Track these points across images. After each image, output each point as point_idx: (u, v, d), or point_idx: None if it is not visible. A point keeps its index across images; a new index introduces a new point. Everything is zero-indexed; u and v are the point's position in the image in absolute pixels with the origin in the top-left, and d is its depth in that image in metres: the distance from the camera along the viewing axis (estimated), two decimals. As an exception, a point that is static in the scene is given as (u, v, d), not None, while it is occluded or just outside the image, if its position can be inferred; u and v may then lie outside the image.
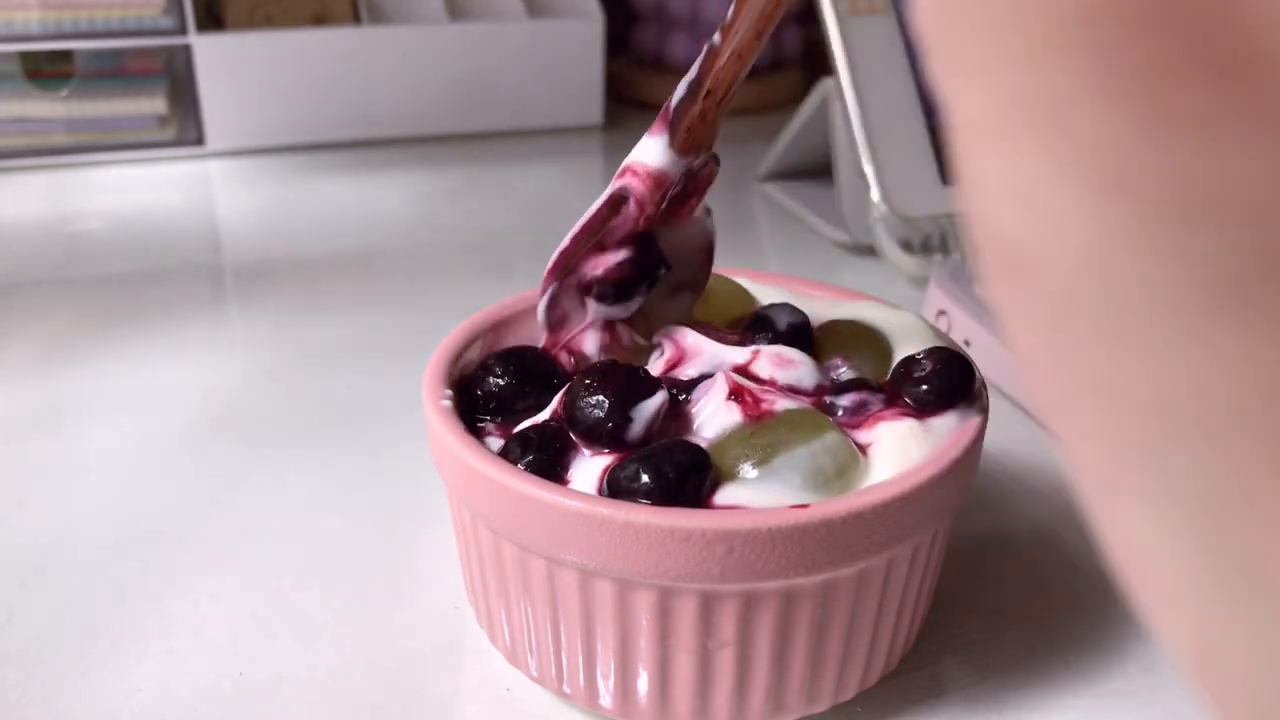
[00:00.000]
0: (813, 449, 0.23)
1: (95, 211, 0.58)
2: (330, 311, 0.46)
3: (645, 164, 0.24)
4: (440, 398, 0.25)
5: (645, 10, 0.80)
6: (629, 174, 0.24)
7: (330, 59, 0.66)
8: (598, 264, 0.25)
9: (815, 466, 0.22)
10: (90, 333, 0.43)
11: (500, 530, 0.23)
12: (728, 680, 0.23)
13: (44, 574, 0.29)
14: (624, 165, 0.24)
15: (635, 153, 0.24)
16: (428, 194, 0.61)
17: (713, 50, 0.23)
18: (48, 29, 0.61)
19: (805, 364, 0.25)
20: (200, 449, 0.35)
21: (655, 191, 0.24)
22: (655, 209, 0.24)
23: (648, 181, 0.24)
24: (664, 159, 0.24)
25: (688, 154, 0.24)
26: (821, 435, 0.23)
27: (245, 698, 0.25)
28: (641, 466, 0.22)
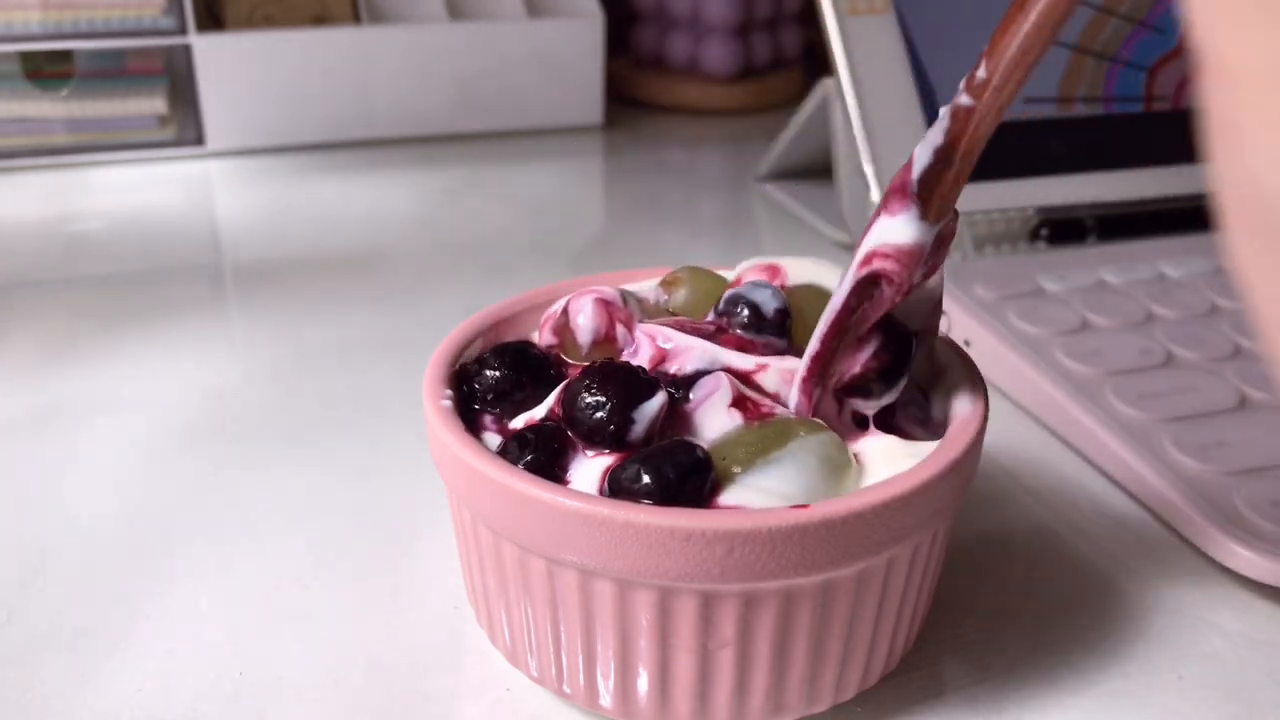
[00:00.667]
0: (812, 449, 0.23)
1: (95, 211, 0.58)
2: (330, 311, 0.46)
3: (897, 244, 0.22)
4: (440, 398, 0.25)
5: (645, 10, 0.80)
6: (877, 259, 0.23)
7: (330, 59, 0.66)
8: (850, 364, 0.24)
9: (815, 466, 0.22)
10: (90, 333, 0.43)
11: (500, 530, 0.23)
12: (728, 680, 0.23)
13: (44, 574, 0.29)
14: (865, 253, 0.23)
15: (877, 235, 0.23)
16: (428, 194, 0.61)
17: (964, 111, 0.21)
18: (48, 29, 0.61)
19: None
20: (200, 449, 0.35)
21: (912, 269, 0.23)
22: (911, 286, 0.23)
23: (903, 260, 0.22)
24: (918, 234, 0.22)
25: (940, 220, 0.22)
26: (819, 435, 0.23)
27: (245, 698, 0.25)
28: (642, 467, 0.22)
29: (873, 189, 0.46)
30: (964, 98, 0.21)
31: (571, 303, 0.27)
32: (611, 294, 0.27)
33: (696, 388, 0.24)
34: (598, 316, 0.26)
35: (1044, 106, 0.49)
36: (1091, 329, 0.39)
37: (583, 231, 0.58)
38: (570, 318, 0.27)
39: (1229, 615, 0.28)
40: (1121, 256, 0.44)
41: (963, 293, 0.41)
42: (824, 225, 0.54)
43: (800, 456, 0.22)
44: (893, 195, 0.22)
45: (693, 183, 0.65)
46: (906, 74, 0.47)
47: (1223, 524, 0.29)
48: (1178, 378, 0.36)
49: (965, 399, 0.25)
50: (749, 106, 0.78)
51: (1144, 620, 0.28)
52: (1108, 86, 0.50)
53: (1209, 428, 0.33)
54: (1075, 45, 0.50)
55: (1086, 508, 0.33)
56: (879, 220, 0.23)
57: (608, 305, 0.27)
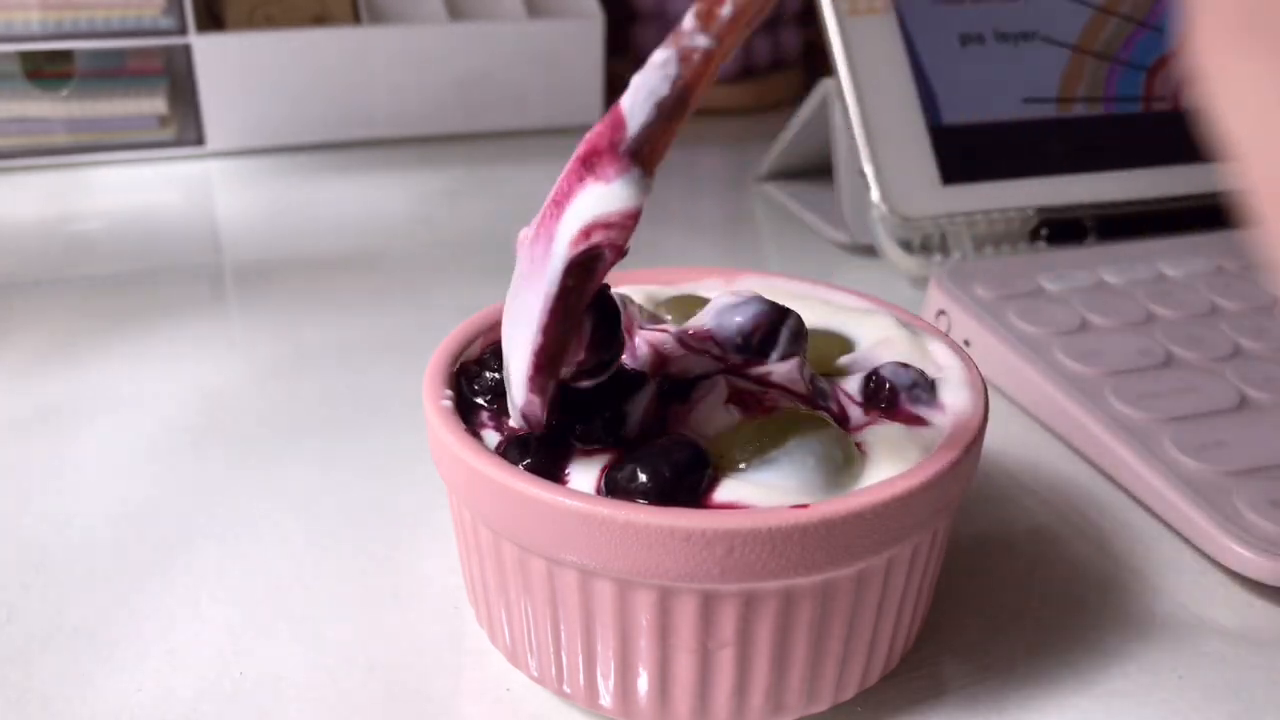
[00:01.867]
0: (813, 443, 0.23)
1: (95, 211, 0.58)
2: (330, 311, 0.46)
3: (618, 210, 0.20)
4: (440, 398, 0.25)
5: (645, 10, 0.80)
6: (598, 230, 0.20)
7: (330, 59, 0.66)
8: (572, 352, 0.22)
9: (816, 461, 0.22)
10: (90, 333, 0.43)
11: (500, 530, 0.23)
12: (728, 680, 0.23)
13: (44, 574, 0.29)
14: (582, 226, 0.20)
15: (591, 208, 0.20)
16: (428, 194, 0.61)
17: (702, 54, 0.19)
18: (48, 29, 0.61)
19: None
20: (200, 448, 0.35)
21: (631, 232, 0.20)
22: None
23: (629, 225, 0.20)
24: (638, 194, 0.20)
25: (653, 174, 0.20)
26: (820, 431, 0.23)
27: (245, 698, 0.25)
28: (638, 465, 0.22)
29: (873, 189, 0.46)
30: (700, 37, 0.19)
31: None
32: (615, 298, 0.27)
33: (697, 387, 0.24)
34: None
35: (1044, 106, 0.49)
36: (1091, 329, 0.39)
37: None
38: None
39: (1229, 615, 0.28)
40: (1121, 256, 0.44)
41: (963, 293, 0.41)
42: (824, 225, 0.54)
43: (799, 454, 0.22)
44: (601, 159, 0.20)
45: (693, 183, 0.65)
46: (906, 74, 0.47)
47: (1222, 524, 0.29)
48: (1178, 378, 0.36)
49: (965, 399, 0.25)
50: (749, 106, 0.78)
51: (1144, 620, 0.28)
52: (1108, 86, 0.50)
53: (1209, 428, 0.33)
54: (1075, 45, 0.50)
55: (1086, 508, 0.33)
56: (587, 189, 0.20)
57: None
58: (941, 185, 0.46)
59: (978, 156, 0.47)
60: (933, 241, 0.47)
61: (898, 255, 0.47)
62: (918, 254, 0.47)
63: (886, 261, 0.48)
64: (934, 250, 0.47)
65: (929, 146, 0.47)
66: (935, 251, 0.47)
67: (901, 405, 0.25)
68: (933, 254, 0.47)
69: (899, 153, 0.46)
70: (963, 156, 0.47)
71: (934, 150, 0.47)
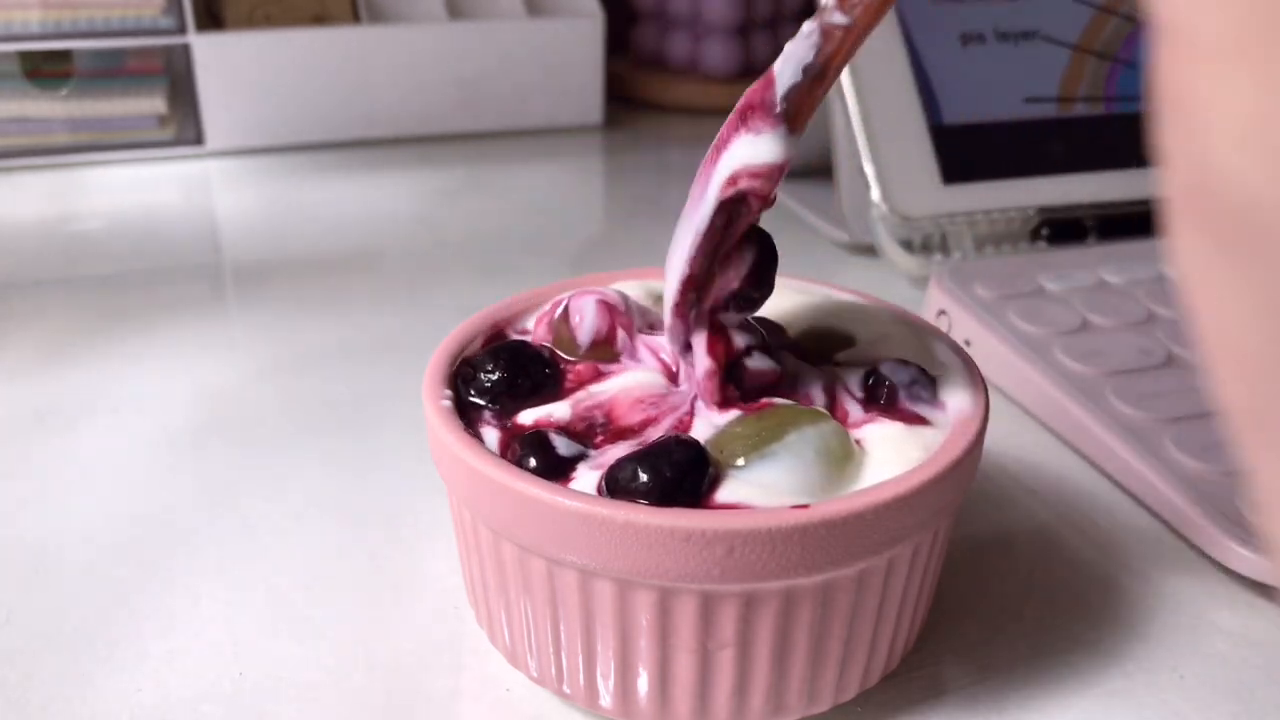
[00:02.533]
0: (810, 441, 0.23)
1: (95, 211, 0.58)
2: (330, 311, 0.46)
3: (764, 162, 0.22)
4: (440, 398, 0.25)
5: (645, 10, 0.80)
6: (744, 179, 0.22)
7: (330, 59, 0.66)
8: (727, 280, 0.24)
9: (813, 459, 0.22)
10: (90, 333, 0.43)
11: (500, 530, 0.23)
12: (728, 680, 0.23)
13: (44, 574, 0.29)
14: (730, 173, 0.23)
15: (742, 154, 0.22)
16: (428, 194, 0.61)
17: (840, 30, 0.21)
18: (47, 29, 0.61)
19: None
20: (200, 449, 0.35)
21: (777, 183, 0.23)
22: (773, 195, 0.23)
23: (774, 176, 0.22)
24: (786, 150, 0.22)
25: (801, 132, 0.22)
26: (817, 424, 0.23)
27: (245, 698, 0.25)
28: (639, 465, 0.22)
29: (873, 189, 0.46)
30: (838, 15, 0.21)
31: (573, 301, 0.27)
32: (615, 298, 0.27)
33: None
34: (599, 318, 0.26)
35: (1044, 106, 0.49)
36: (1091, 329, 0.39)
37: (583, 231, 0.58)
38: (570, 315, 0.27)
39: (1229, 615, 0.28)
40: (1122, 256, 0.44)
41: (963, 293, 0.41)
42: (824, 225, 0.54)
43: (798, 449, 0.22)
44: (755, 113, 0.22)
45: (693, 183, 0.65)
46: (907, 74, 0.47)
47: (1223, 524, 0.29)
48: (1178, 378, 0.36)
49: (965, 399, 0.25)
50: (749, 106, 0.78)
51: (1144, 620, 0.28)
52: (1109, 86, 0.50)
53: (1209, 428, 0.33)
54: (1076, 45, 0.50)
55: (1086, 508, 0.33)
56: (740, 138, 0.22)
57: (610, 308, 0.27)
58: (942, 185, 0.46)
59: (978, 156, 0.47)
60: (933, 241, 0.47)
61: (898, 255, 0.47)
62: (918, 254, 0.47)
63: (886, 261, 0.48)
64: (934, 250, 0.47)
65: (929, 146, 0.47)
66: (935, 251, 0.47)
67: (901, 403, 0.25)
68: (933, 254, 0.47)
69: (899, 152, 0.46)
70: (963, 156, 0.47)
71: (934, 150, 0.47)
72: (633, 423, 0.24)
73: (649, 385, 0.25)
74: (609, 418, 0.25)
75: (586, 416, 0.25)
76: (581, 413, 0.25)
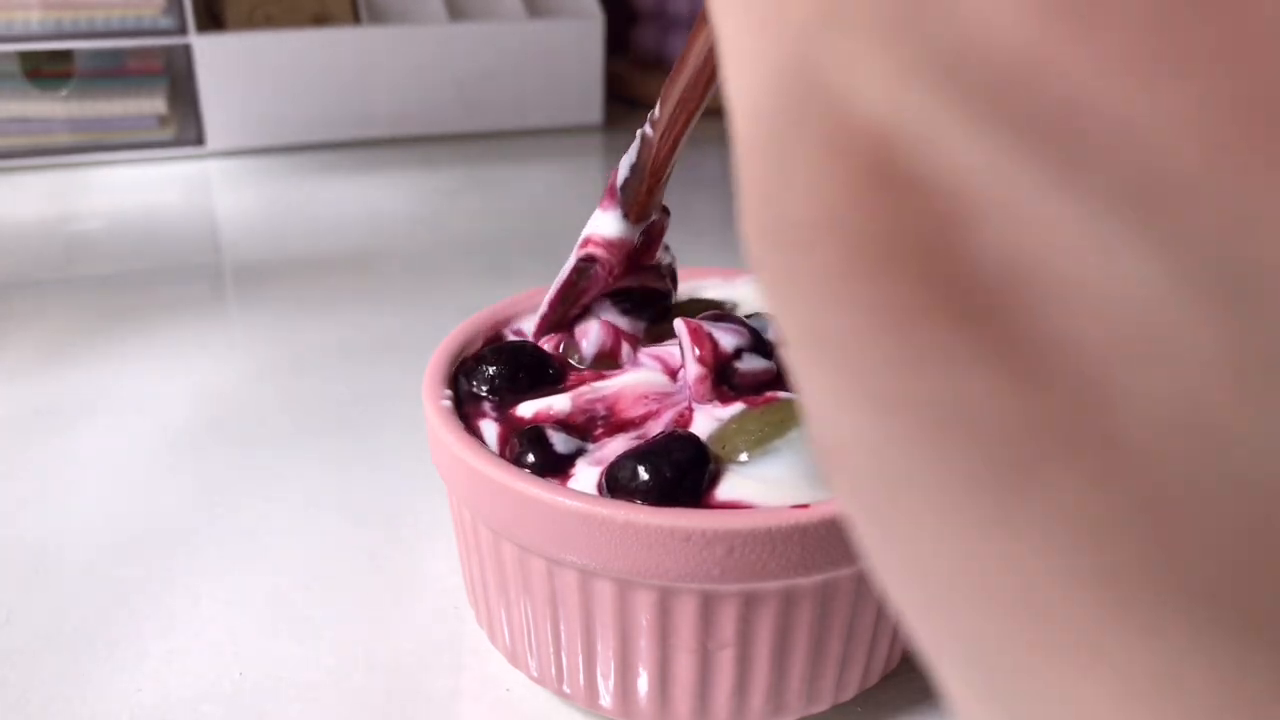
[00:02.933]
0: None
1: (95, 211, 0.58)
2: (330, 311, 0.46)
3: (605, 235, 0.26)
4: (440, 398, 0.25)
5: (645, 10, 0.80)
6: (590, 244, 0.26)
7: (330, 59, 0.66)
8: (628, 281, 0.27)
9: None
10: (90, 333, 0.43)
11: (500, 530, 0.23)
12: (728, 680, 0.23)
13: (44, 574, 0.29)
14: (584, 236, 0.27)
15: (592, 225, 0.26)
16: (428, 194, 0.61)
17: (647, 140, 0.25)
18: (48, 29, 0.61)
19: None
20: (200, 449, 0.35)
21: (618, 255, 0.26)
22: (621, 269, 0.27)
23: (611, 250, 0.26)
24: (620, 229, 0.26)
25: (640, 221, 0.26)
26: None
27: (245, 698, 0.25)
28: (640, 464, 0.22)
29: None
30: (648, 128, 0.24)
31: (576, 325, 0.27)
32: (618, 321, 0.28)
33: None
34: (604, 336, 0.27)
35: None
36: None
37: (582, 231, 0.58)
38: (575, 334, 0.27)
39: (1229, 615, 0.28)
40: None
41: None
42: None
43: (800, 445, 0.22)
44: (608, 193, 0.26)
45: (693, 183, 0.65)
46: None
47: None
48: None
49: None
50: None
51: (1144, 620, 0.28)
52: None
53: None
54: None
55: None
56: (596, 212, 0.26)
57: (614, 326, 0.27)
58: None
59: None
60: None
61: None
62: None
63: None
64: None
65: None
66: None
67: None
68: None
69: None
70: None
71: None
72: (634, 415, 0.24)
73: (652, 383, 0.25)
74: (610, 410, 0.25)
75: (587, 409, 0.25)
76: (582, 405, 0.25)
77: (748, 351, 0.25)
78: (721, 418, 0.24)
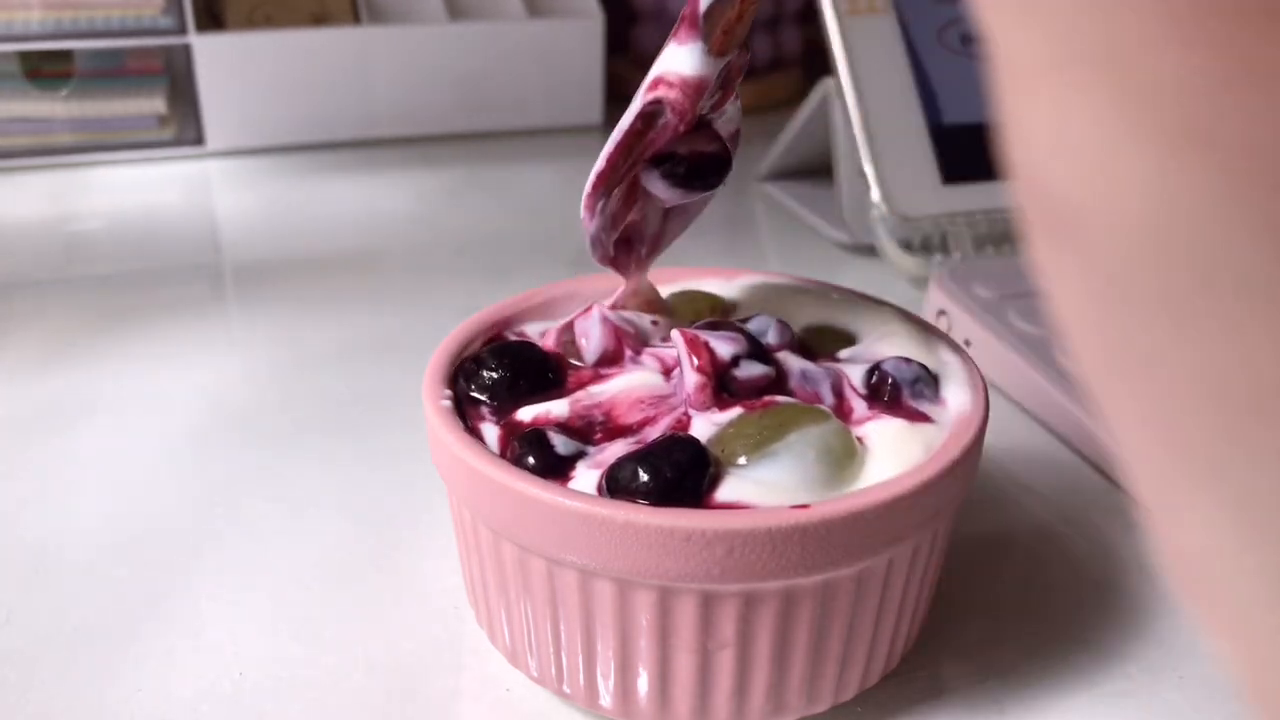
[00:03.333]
0: (811, 441, 0.23)
1: (95, 211, 0.58)
2: (330, 311, 0.46)
3: (681, 73, 0.23)
4: (440, 398, 0.25)
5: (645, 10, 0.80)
6: (662, 85, 0.23)
7: (330, 59, 0.66)
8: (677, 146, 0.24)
9: (814, 459, 0.22)
10: (90, 333, 0.43)
11: (500, 530, 0.23)
12: (728, 680, 0.23)
13: (44, 574, 0.29)
14: (652, 77, 0.23)
15: (664, 62, 0.23)
16: (428, 194, 0.61)
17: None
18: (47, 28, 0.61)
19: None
20: (200, 449, 0.35)
21: (695, 99, 0.23)
22: (695, 116, 0.23)
23: (687, 90, 0.23)
24: (701, 65, 0.23)
25: (725, 54, 0.23)
26: (819, 424, 0.23)
27: (245, 698, 0.25)
28: (640, 465, 0.22)
29: (873, 189, 0.46)
30: None
31: (577, 322, 0.27)
32: (617, 319, 0.27)
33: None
34: (605, 338, 0.26)
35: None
36: (1091, 329, 0.39)
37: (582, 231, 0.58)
38: (577, 336, 0.27)
39: (1229, 615, 0.28)
40: (1121, 256, 0.43)
41: (963, 293, 0.41)
42: (824, 225, 0.54)
43: (799, 449, 0.22)
44: (684, 24, 0.23)
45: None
46: (906, 74, 0.47)
47: (1223, 524, 0.29)
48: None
49: (965, 398, 0.25)
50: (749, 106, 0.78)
51: (1144, 620, 0.28)
52: (1108, 86, 0.50)
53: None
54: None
55: (1086, 508, 0.33)
56: (669, 47, 0.23)
57: (615, 327, 0.27)
58: (942, 185, 0.46)
59: (978, 156, 0.47)
60: (933, 241, 0.47)
61: (898, 255, 0.47)
62: (918, 254, 0.47)
63: (886, 261, 0.48)
64: (934, 250, 0.47)
65: (929, 146, 0.47)
66: (935, 251, 0.47)
67: (904, 400, 0.25)
68: (933, 254, 0.47)
69: (899, 153, 0.46)
70: (963, 156, 0.47)
71: (934, 150, 0.47)
72: (632, 421, 0.24)
73: (650, 386, 0.25)
74: (608, 416, 0.25)
75: (585, 415, 0.25)
76: (580, 411, 0.25)
77: (745, 358, 0.25)
78: (719, 422, 0.24)
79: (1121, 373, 0.08)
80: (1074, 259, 0.08)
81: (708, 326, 0.26)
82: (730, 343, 0.25)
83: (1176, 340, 0.07)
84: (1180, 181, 0.06)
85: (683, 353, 0.24)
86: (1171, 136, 0.06)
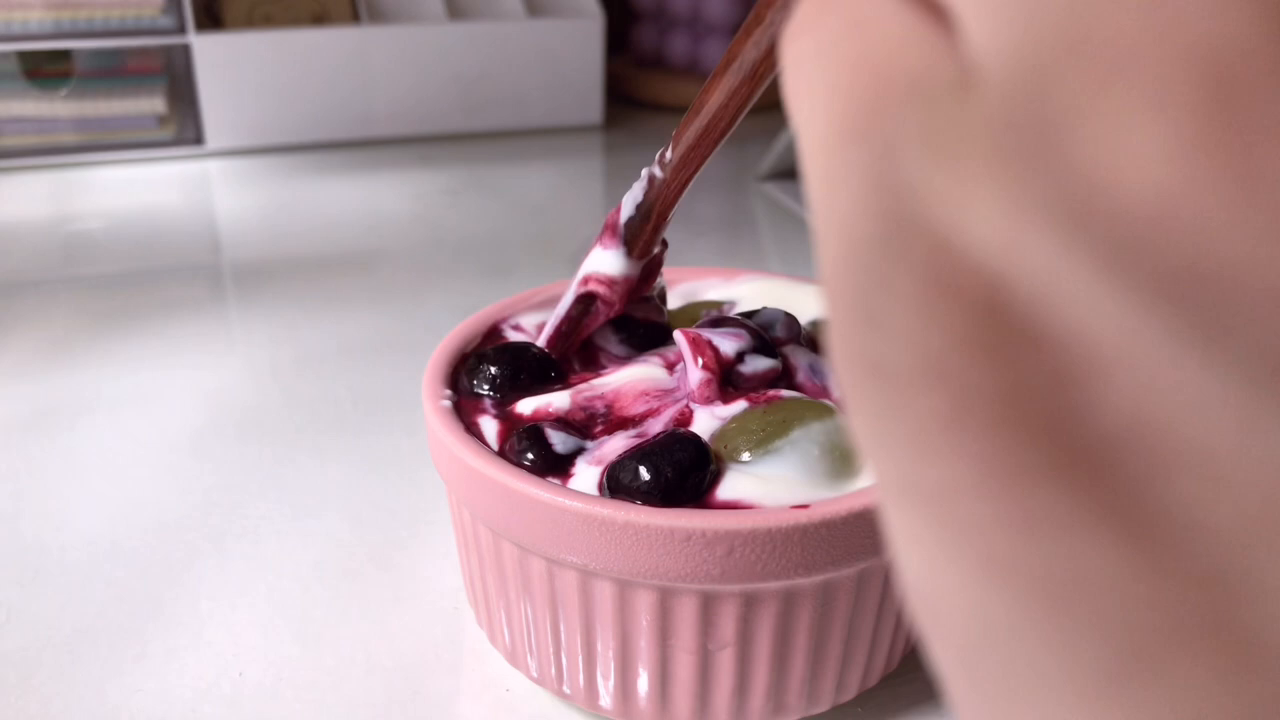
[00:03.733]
0: (815, 437, 0.23)
1: (95, 211, 0.58)
2: (330, 311, 0.46)
3: (606, 273, 0.26)
4: (440, 398, 0.25)
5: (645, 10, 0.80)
6: (591, 283, 0.26)
7: (330, 59, 0.66)
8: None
9: (820, 451, 0.22)
10: (90, 333, 0.43)
11: (500, 530, 0.23)
12: (728, 681, 0.23)
13: (44, 574, 0.29)
14: (583, 274, 0.26)
15: (592, 264, 0.26)
16: (428, 194, 0.61)
17: (655, 179, 0.24)
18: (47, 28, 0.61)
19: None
20: (200, 449, 0.35)
21: (620, 292, 0.26)
22: (622, 304, 0.26)
23: (611, 287, 0.26)
24: (625, 268, 0.26)
25: (643, 258, 0.26)
26: (823, 419, 0.23)
27: (245, 698, 0.25)
28: (641, 464, 0.22)
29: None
30: (656, 169, 0.24)
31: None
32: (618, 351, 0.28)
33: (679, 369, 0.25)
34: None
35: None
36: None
37: (583, 231, 0.58)
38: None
39: (1229, 615, 0.28)
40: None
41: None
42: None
43: (804, 446, 0.22)
44: (607, 231, 0.26)
45: (692, 182, 0.65)
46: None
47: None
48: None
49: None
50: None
51: (1144, 620, 0.28)
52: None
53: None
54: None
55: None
56: (595, 250, 0.26)
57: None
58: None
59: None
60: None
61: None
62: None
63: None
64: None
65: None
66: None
67: None
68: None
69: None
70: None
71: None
72: (634, 414, 0.24)
73: (653, 379, 0.25)
74: (609, 408, 0.25)
75: (587, 406, 0.25)
76: (581, 403, 0.25)
77: (750, 353, 0.25)
78: (723, 416, 0.24)
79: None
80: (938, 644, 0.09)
81: (711, 323, 0.26)
82: (734, 339, 0.25)
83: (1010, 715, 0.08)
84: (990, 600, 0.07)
85: (686, 354, 0.25)
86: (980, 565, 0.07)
